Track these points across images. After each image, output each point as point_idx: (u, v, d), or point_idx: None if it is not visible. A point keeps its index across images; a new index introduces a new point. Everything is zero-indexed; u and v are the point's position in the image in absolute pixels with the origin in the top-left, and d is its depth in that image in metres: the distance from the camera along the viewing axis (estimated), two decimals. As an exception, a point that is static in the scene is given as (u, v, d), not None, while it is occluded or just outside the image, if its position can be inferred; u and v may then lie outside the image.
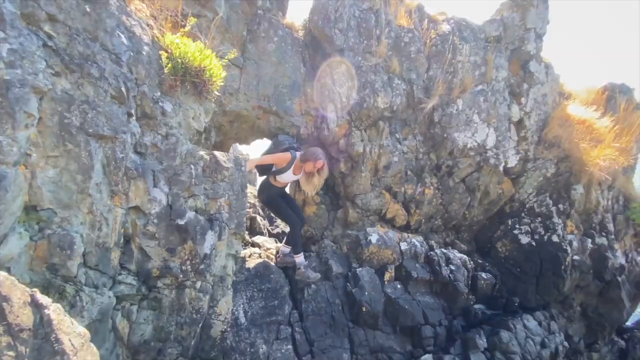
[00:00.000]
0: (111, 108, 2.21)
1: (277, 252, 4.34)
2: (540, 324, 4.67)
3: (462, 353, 3.96)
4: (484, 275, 4.79)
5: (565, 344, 4.67)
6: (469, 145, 4.86)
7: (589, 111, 5.57)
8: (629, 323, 6.13)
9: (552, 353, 4.39)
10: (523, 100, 5.25)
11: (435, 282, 4.38)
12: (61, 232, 1.96)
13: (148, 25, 2.71)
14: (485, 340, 4.09)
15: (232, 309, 3.36)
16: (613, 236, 5.64)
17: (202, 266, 2.59)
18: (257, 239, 5.16)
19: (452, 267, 4.45)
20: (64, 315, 1.43)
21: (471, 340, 4.00)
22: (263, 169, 4.04)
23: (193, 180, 2.60)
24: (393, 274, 4.26)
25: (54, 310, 1.38)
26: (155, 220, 2.42)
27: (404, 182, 4.78)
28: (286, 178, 3.92)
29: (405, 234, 4.71)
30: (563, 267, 4.91)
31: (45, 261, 1.92)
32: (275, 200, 3.99)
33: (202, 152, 2.71)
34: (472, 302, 4.59)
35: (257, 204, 7.01)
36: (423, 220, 5.04)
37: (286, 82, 4.20)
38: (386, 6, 4.64)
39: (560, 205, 5.37)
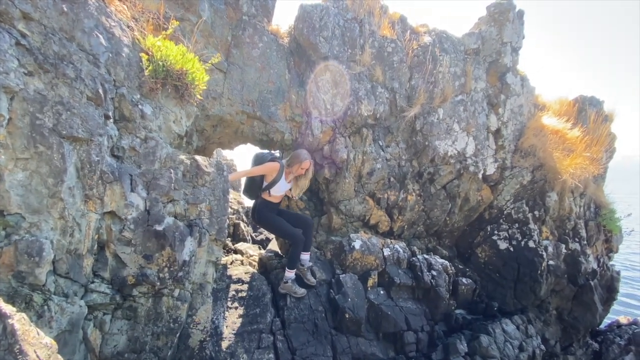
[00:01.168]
0: (87, 110, 2.14)
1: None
2: (518, 327, 4.79)
3: (443, 358, 4.00)
4: (464, 280, 4.87)
5: (542, 347, 4.79)
6: (449, 153, 4.98)
7: (561, 122, 5.83)
8: (602, 326, 6.35)
9: (530, 356, 4.49)
10: (500, 110, 5.45)
11: (418, 287, 4.43)
12: (29, 238, 1.87)
13: (128, 26, 2.66)
14: (465, 345, 4.15)
15: (212, 318, 3.29)
16: (585, 242, 5.87)
17: (180, 273, 2.52)
18: (241, 245, 5.10)
19: (434, 273, 4.51)
20: (30, 325, 1.36)
21: (452, 345, 4.04)
22: (252, 189, 3.92)
23: (172, 184, 2.54)
24: (376, 280, 4.27)
25: (19, 320, 1.32)
26: (132, 226, 2.35)
27: (387, 188, 4.84)
28: (280, 189, 3.83)
29: (388, 240, 4.74)
30: (539, 271, 5.07)
31: (11, 268, 1.82)
32: (273, 219, 3.84)
33: (182, 156, 2.66)
34: (453, 307, 4.66)
35: (240, 210, 6.93)
36: (406, 226, 5.11)
37: (271, 88, 4.21)
38: (370, 17, 4.75)
39: (536, 212, 5.56)
